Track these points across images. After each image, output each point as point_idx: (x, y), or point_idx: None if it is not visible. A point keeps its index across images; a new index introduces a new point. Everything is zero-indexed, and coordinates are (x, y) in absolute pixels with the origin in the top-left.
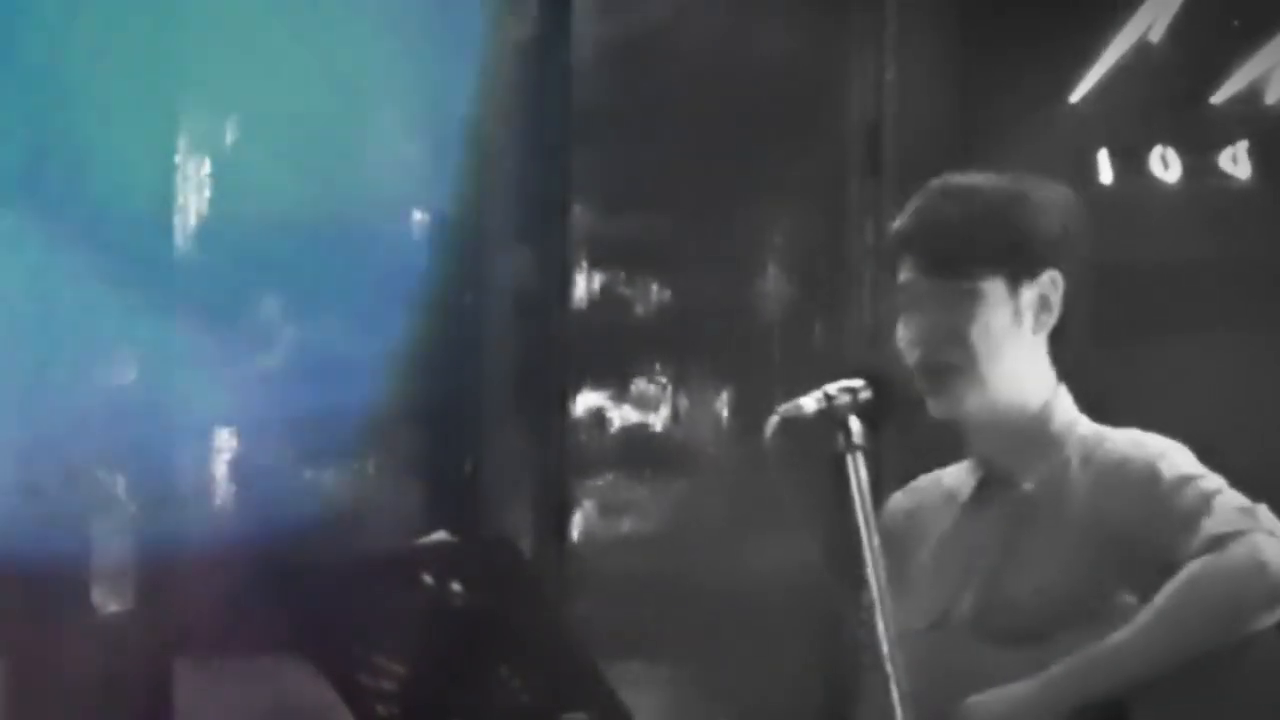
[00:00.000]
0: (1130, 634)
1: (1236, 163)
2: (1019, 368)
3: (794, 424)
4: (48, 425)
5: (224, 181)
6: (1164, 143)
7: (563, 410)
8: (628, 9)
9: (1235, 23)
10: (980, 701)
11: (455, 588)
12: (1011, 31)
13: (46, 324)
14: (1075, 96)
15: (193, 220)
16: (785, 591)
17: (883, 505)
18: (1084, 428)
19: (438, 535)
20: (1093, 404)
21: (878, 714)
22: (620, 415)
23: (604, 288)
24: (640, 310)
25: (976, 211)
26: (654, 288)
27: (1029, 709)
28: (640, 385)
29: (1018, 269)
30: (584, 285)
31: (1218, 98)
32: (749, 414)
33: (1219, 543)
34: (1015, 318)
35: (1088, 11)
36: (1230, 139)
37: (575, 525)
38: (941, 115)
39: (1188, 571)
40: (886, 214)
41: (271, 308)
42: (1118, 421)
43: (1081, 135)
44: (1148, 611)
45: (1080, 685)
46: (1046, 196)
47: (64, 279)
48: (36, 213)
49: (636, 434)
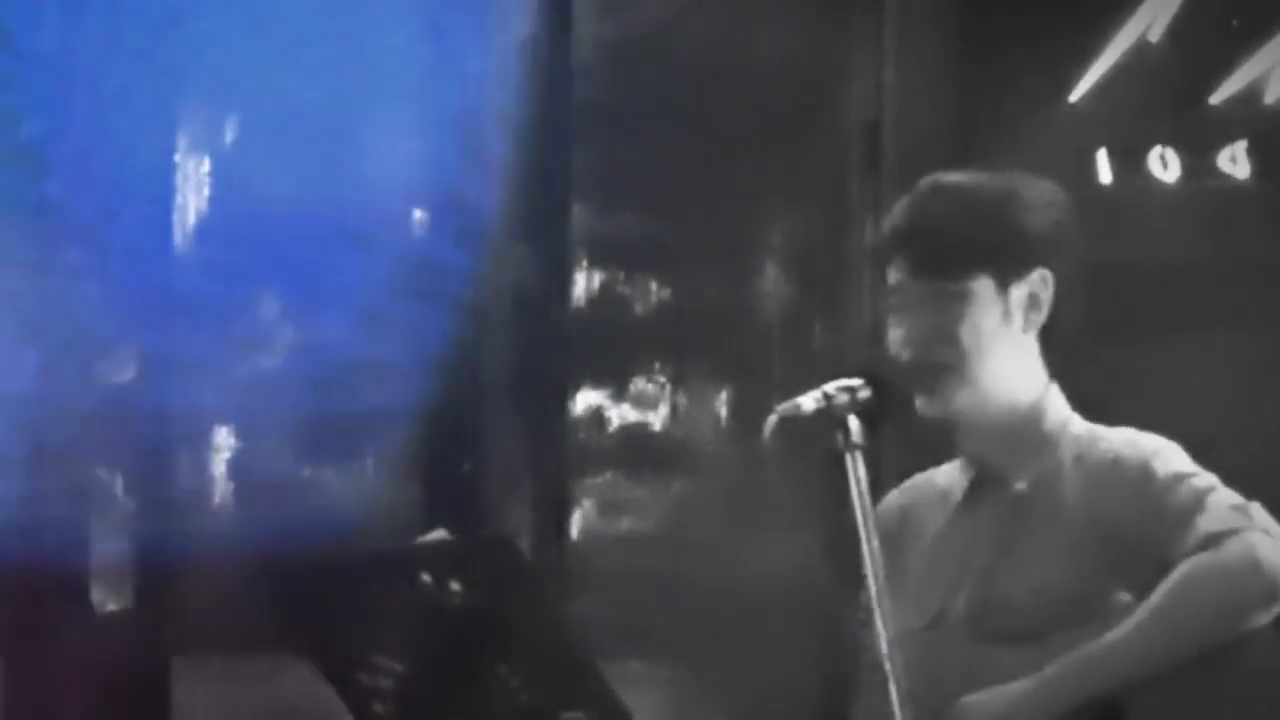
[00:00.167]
0: (1125, 633)
1: (1235, 162)
2: (1009, 366)
3: (793, 423)
4: (48, 425)
5: (223, 181)
6: (1163, 142)
7: (562, 409)
8: (628, 9)
9: (1234, 23)
10: (976, 701)
11: (454, 587)
12: (1011, 31)
13: (47, 324)
14: (1074, 96)
15: (193, 220)
16: (785, 590)
17: (877, 505)
18: (1076, 426)
19: (437, 534)
20: (1092, 403)
21: (877, 713)
22: (619, 414)
23: (604, 287)
24: (640, 309)
25: (965, 211)
26: (653, 287)
27: (1025, 708)
28: (640, 384)
29: (1007, 268)
30: (584, 284)
31: (1217, 98)
32: (748, 413)
33: (1214, 541)
34: (1005, 317)
35: (1087, 11)
36: (1229, 139)
37: (575, 524)
38: (941, 115)
39: (1183, 570)
40: (886, 214)
41: (271, 308)
42: (1117, 421)
43: (1081, 135)
44: (1143, 610)
45: (1076, 684)
46: (1035, 195)
47: (64, 279)
48: (37, 212)
49: (636, 433)
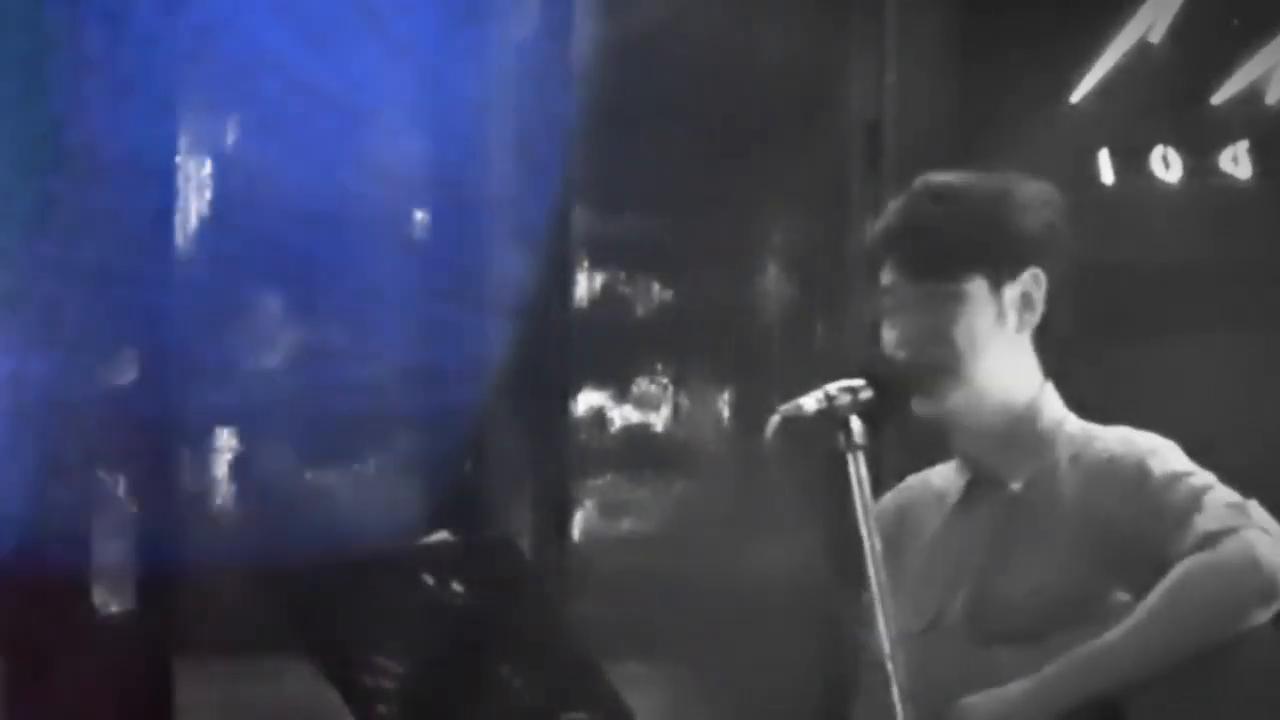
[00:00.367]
0: (1124, 633)
1: (1237, 163)
2: (1004, 366)
3: (795, 423)
4: (48, 425)
5: (224, 181)
6: (1165, 143)
7: (564, 410)
8: (629, 9)
9: (1235, 23)
10: (975, 703)
11: (456, 588)
12: (1012, 31)
13: (47, 324)
14: (1076, 96)
15: (193, 220)
16: (786, 591)
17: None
18: (1072, 425)
19: (439, 535)
20: (1092, 403)
21: (877, 713)
22: (621, 415)
23: (605, 287)
24: (641, 310)
25: (957, 211)
26: (655, 287)
27: (1024, 709)
28: (641, 385)
29: (1000, 268)
30: (585, 285)
31: (1218, 98)
32: (750, 413)
33: (1211, 540)
34: (999, 317)
35: (1088, 11)
36: (1231, 139)
37: (576, 525)
38: (942, 115)
39: (1181, 569)
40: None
41: (272, 308)
42: (1118, 421)
43: (1082, 135)
44: (1141, 610)
45: (1076, 685)
46: (1027, 194)
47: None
48: (37, 212)
49: (637, 433)
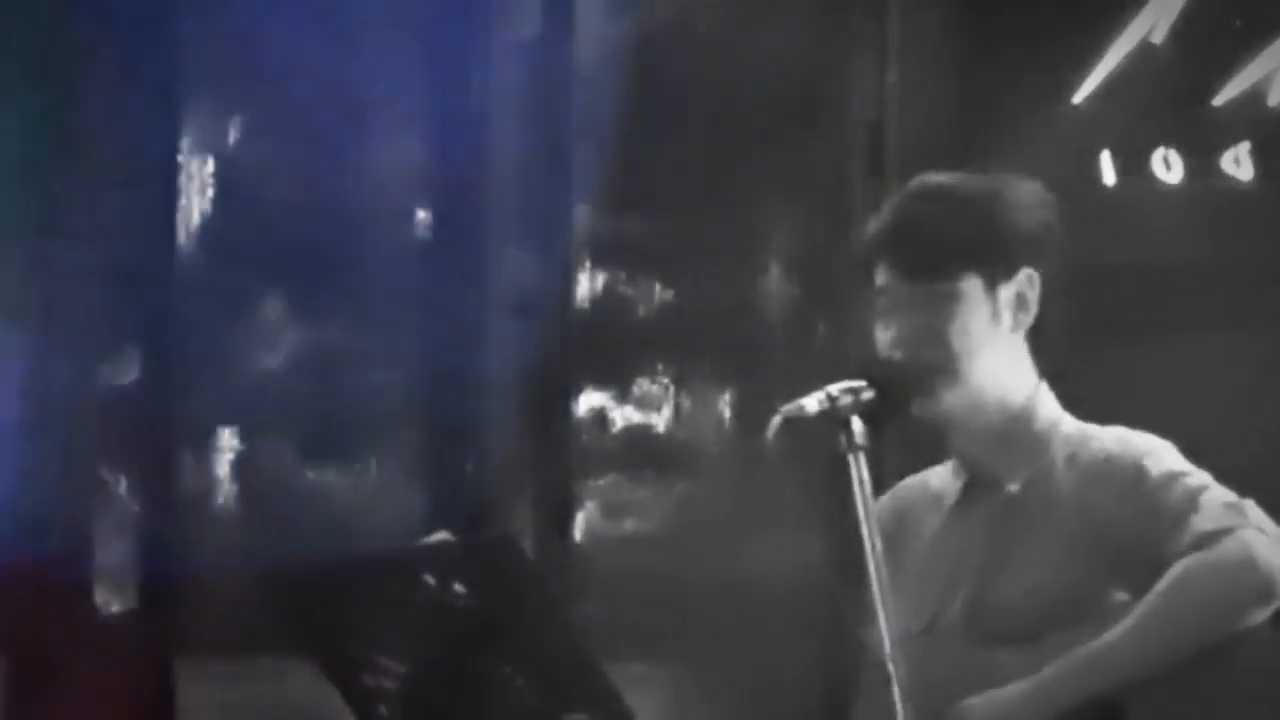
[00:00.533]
0: (1122, 633)
1: (1239, 164)
2: (999, 366)
3: (796, 424)
4: (49, 425)
5: (225, 181)
6: (1166, 144)
7: (565, 410)
8: (630, 10)
9: (1237, 24)
10: (974, 704)
11: (457, 588)
12: (1014, 32)
13: (47, 324)
14: (1077, 97)
15: (194, 220)
16: (787, 591)
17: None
18: (1068, 426)
19: (440, 535)
20: (1092, 404)
21: (878, 713)
22: (622, 415)
23: (606, 288)
24: (642, 310)
25: (951, 211)
26: (656, 288)
27: (1023, 710)
28: (642, 385)
29: (994, 268)
30: (586, 285)
31: (1220, 99)
32: (751, 414)
33: (1209, 539)
34: (994, 317)
35: (1090, 12)
36: (1232, 140)
37: (578, 525)
38: (943, 116)
39: (1178, 569)
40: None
41: (273, 308)
42: (1118, 421)
43: (1084, 136)
44: (1139, 610)
45: (1074, 685)
46: (1021, 194)
47: (64, 278)
48: (37, 211)
49: (639, 434)
